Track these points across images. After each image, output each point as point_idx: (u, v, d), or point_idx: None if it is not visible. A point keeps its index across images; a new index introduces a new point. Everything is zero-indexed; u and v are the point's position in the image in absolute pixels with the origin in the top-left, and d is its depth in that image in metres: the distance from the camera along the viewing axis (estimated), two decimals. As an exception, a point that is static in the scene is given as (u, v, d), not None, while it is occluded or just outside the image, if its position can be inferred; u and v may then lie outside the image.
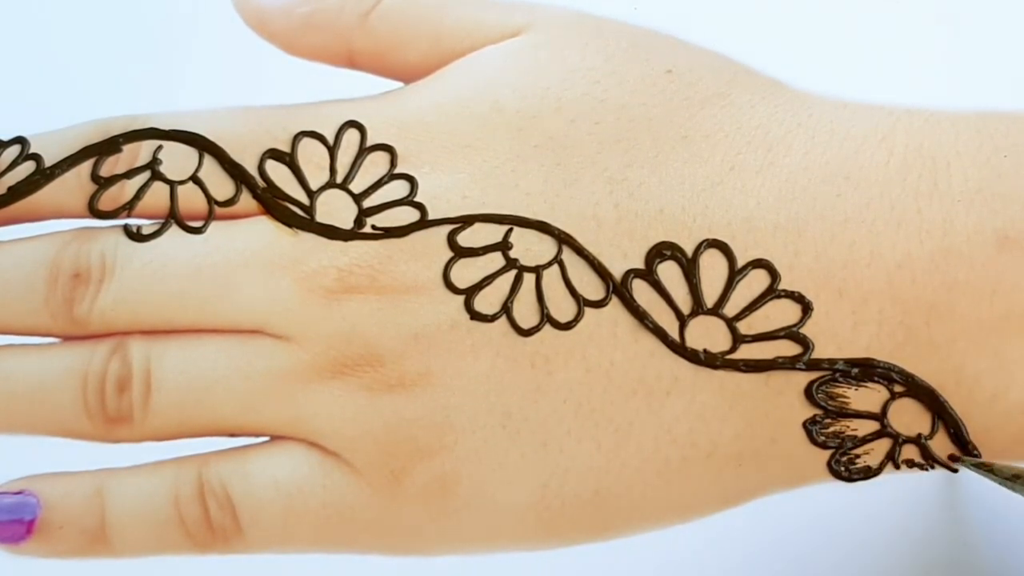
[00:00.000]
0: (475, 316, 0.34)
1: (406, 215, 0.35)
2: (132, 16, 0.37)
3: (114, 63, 0.37)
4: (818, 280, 0.34)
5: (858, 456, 0.33)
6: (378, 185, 0.35)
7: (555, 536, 0.33)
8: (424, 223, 0.34)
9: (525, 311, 0.34)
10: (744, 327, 0.34)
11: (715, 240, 0.34)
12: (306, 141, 0.35)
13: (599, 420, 0.33)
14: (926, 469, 0.33)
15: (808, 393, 0.33)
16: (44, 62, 0.37)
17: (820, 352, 0.33)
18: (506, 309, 0.34)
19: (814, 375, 0.33)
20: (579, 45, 0.36)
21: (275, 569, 0.33)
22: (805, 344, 0.33)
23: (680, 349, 0.34)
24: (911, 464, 0.33)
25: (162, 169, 0.36)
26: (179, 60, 0.36)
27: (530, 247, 0.34)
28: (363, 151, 0.35)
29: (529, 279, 0.34)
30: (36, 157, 0.36)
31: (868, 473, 0.33)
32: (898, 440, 0.33)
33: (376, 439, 0.33)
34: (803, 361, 0.33)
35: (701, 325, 0.34)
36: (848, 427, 0.33)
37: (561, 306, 0.34)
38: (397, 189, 0.35)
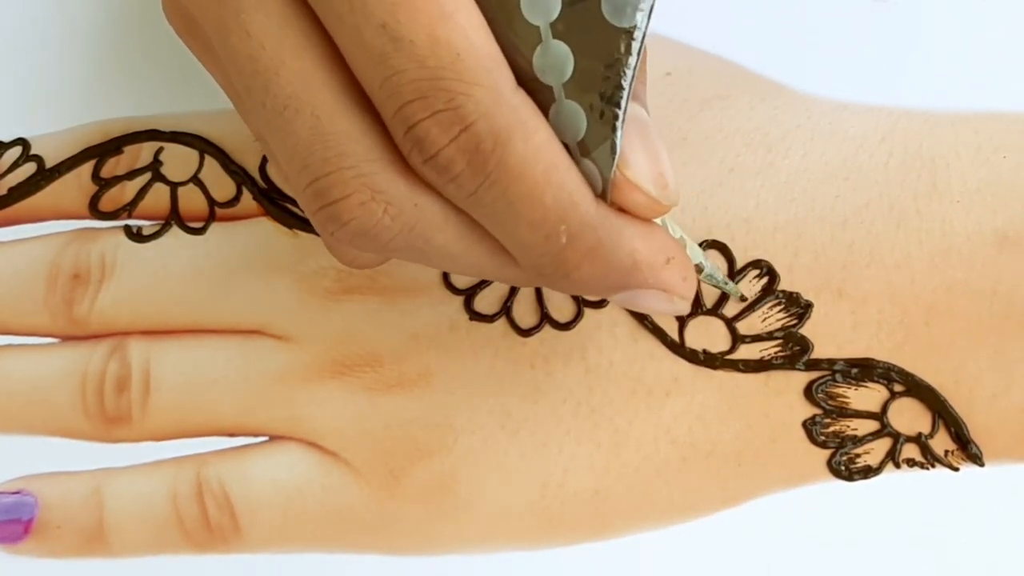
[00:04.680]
0: (474, 316, 0.34)
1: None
2: (133, 17, 0.37)
3: (115, 64, 0.37)
4: (817, 281, 0.34)
5: (858, 455, 0.33)
6: (378, 186, 0.35)
7: (555, 536, 0.33)
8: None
9: (524, 311, 0.34)
10: (743, 327, 0.34)
11: (715, 241, 0.34)
12: (306, 142, 0.36)
13: (598, 420, 0.33)
14: (927, 468, 0.32)
15: (808, 393, 0.33)
16: (45, 63, 0.37)
17: (820, 352, 0.33)
18: (506, 309, 0.34)
19: (814, 375, 0.33)
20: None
21: (274, 569, 0.33)
22: (804, 344, 0.33)
23: (679, 349, 0.34)
24: (912, 463, 0.33)
25: (163, 170, 0.36)
26: (180, 61, 0.36)
27: (530, 248, 0.35)
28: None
29: (529, 280, 0.34)
30: (37, 158, 0.36)
31: (868, 472, 0.32)
32: (898, 439, 0.33)
33: (375, 439, 0.33)
34: (803, 361, 0.33)
35: (700, 325, 0.34)
36: (848, 427, 0.33)
37: (560, 306, 0.34)
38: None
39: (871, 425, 0.33)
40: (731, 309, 0.34)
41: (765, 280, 0.34)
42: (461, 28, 0.24)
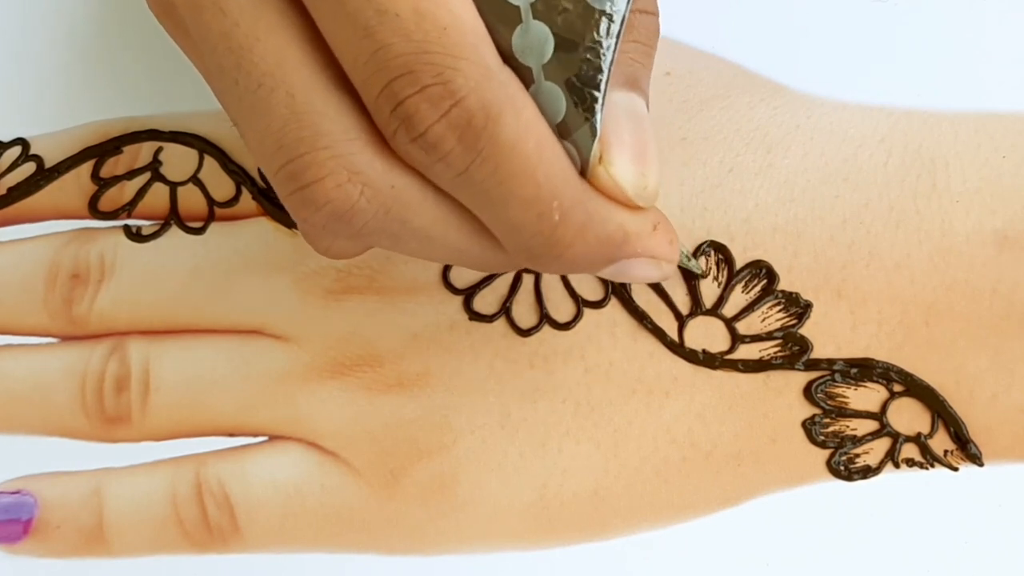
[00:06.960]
0: (474, 316, 0.34)
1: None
2: (133, 17, 0.37)
3: (114, 64, 0.37)
4: (817, 281, 0.34)
5: (858, 455, 0.33)
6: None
7: (554, 536, 0.33)
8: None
9: (524, 311, 0.34)
10: (743, 327, 0.34)
11: (714, 241, 0.34)
12: (306, 142, 0.35)
13: (598, 420, 0.33)
14: (926, 468, 0.32)
15: (807, 393, 0.33)
16: (45, 63, 0.37)
17: (819, 352, 0.33)
18: (505, 309, 0.34)
19: (813, 375, 0.33)
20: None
21: (274, 569, 0.33)
22: (804, 344, 0.33)
23: (679, 349, 0.34)
24: (911, 463, 0.33)
25: (162, 170, 0.36)
26: (180, 61, 0.36)
27: (529, 248, 0.34)
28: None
29: (528, 279, 0.34)
30: (37, 158, 0.36)
31: (868, 472, 0.32)
32: (898, 439, 0.33)
33: (375, 439, 0.33)
34: (802, 361, 0.33)
35: (700, 325, 0.34)
36: (847, 427, 0.33)
37: (560, 306, 0.34)
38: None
39: (870, 425, 0.33)
40: (731, 309, 0.34)
41: (764, 280, 0.34)
42: (446, 1, 0.24)
